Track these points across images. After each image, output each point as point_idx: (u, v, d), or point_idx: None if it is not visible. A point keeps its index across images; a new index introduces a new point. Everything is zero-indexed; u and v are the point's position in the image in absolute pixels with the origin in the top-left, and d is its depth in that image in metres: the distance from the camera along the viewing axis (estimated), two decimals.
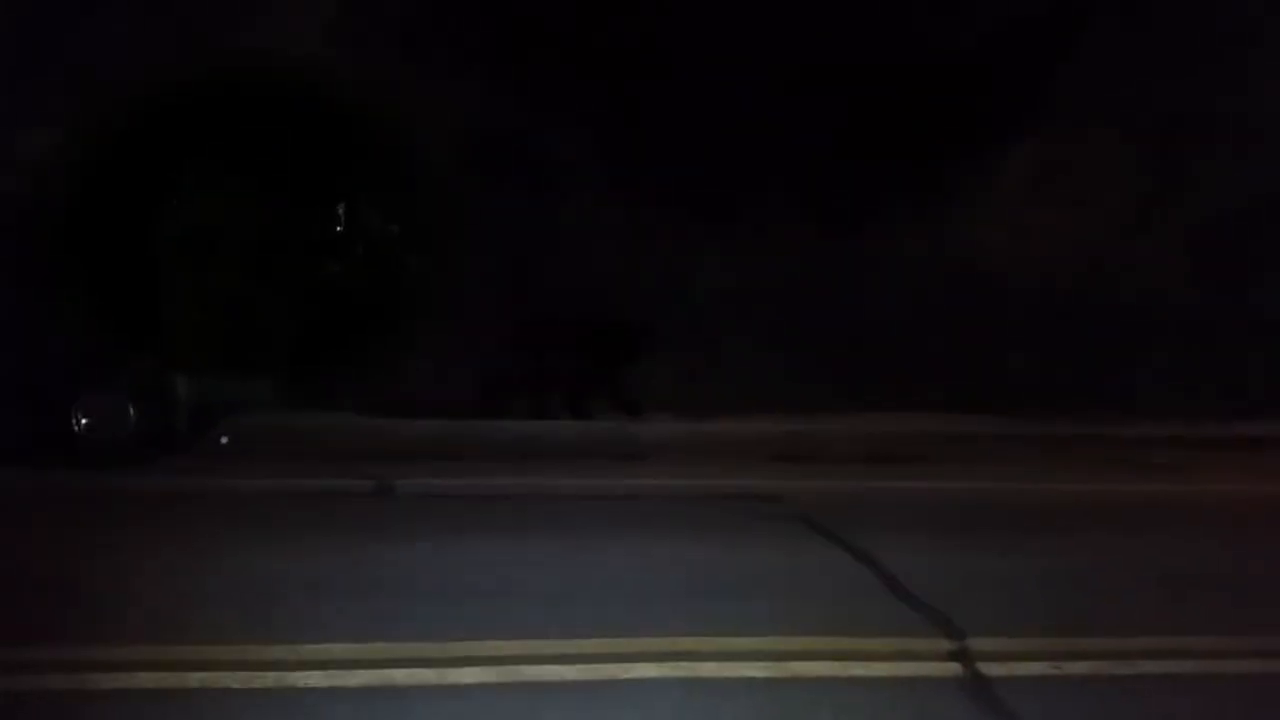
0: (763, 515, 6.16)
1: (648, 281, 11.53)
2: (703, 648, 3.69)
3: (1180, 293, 12.12)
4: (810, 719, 3.16)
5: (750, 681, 3.44)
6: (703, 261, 11.58)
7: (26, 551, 5.00)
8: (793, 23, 10.88)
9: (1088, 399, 11.05)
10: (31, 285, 7.56)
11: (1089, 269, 12.01)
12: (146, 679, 3.35)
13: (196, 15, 9.95)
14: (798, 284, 11.71)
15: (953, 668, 3.59)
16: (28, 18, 9.57)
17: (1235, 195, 12.41)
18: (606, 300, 11.23)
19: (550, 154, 11.13)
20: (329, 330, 10.14)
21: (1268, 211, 12.31)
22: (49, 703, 3.23)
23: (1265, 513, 6.80)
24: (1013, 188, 12.22)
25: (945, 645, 3.78)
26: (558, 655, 3.61)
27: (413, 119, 10.29)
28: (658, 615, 4.05)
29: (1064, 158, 12.24)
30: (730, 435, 9.44)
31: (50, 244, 7.92)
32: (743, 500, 6.59)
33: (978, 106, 11.47)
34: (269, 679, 3.38)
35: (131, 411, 7.60)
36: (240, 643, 3.67)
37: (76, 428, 7.55)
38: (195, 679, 3.36)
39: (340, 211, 10.98)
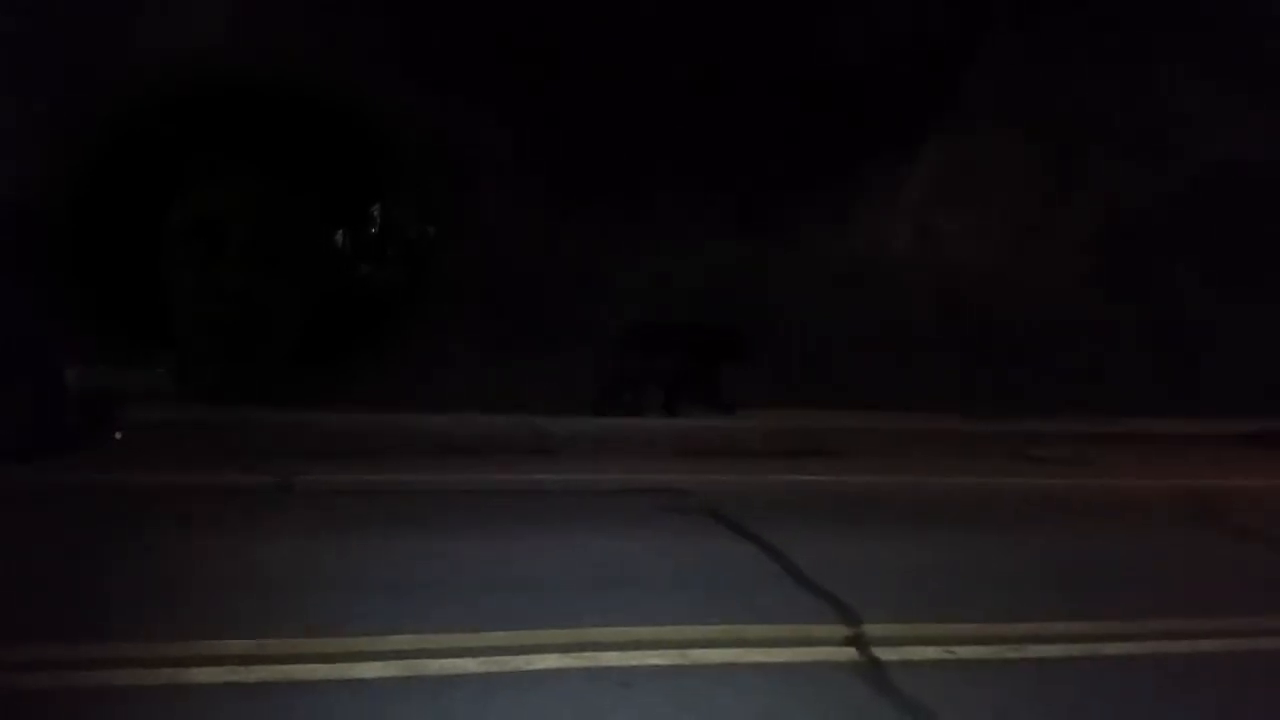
0: (671, 509, 6.22)
1: (566, 279, 11.56)
2: (606, 638, 3.72)
3: (1080, 291, 12.59)
4: (711, 704, 3.21)
5: (653, 669, 3.48)
6: (619, 259, 11.62)
7: None
8: (709, 28, 11.00)
9: (992, 395, 11.40)
10: None
11: (993, 268, 12.38)
12: (30, 680, 3.24)
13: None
14: (712, 281, 11.84)
15: (849, 653, 3.69)
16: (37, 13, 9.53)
17: (1132, 197, 12.95)
18: (523, 297, 11.25)
19: (470, 151, 11.07)
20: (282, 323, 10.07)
21: (1164, 212, 12.87)
22: None
23: (1155, 505, 7.11)
24: (919, 189, 12.56)
25: (843, 631, 3.88)
26: (461, 649, 3.60)
27: (330, 112, 10.19)
28: (563, 607, 4.07)
29: (968, 160, 12.61)
30: (642, 430, 9.48)
31: None
32: (652, 494, 6.63)
33: (885, 110, 11.74)
34: (162, 677, 3.30)
35: (14, 404, 7.26)
36: (130, 641, 3.56)
37: None
38: (83, 679, 3.26)
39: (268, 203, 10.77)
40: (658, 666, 3.50)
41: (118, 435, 7.77)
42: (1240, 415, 11.05)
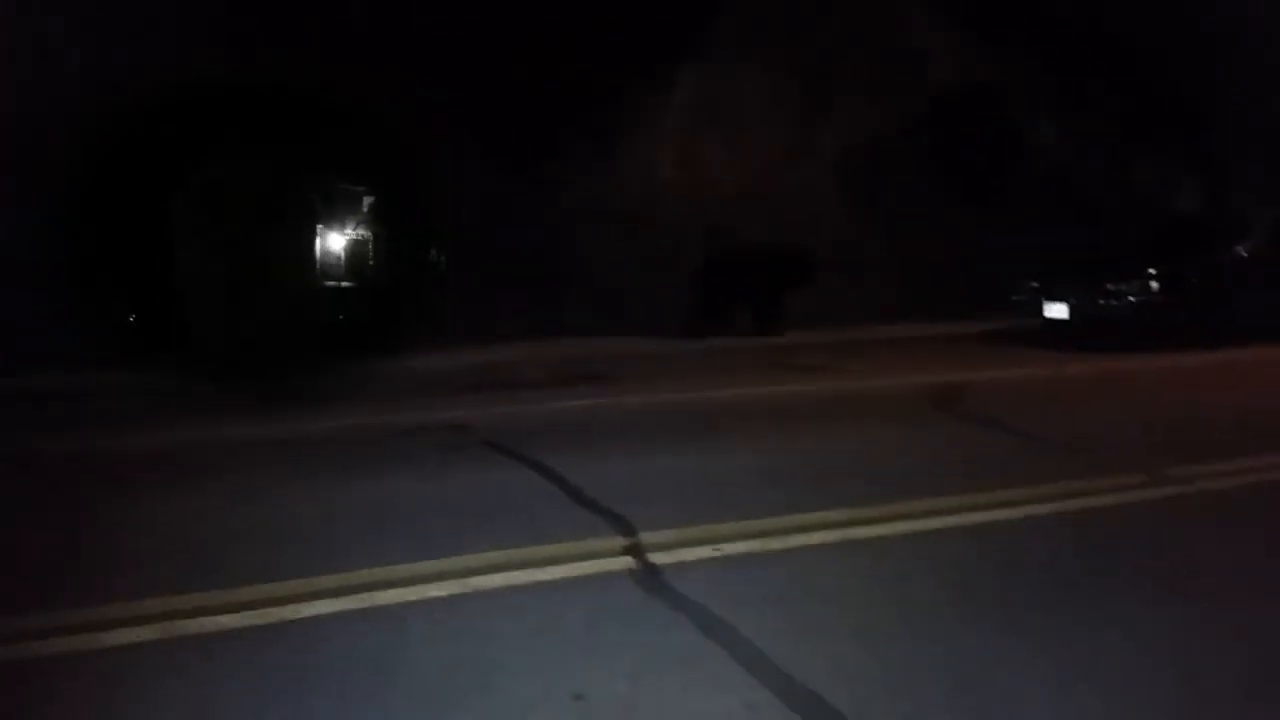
0: (450, 445, 6.13)
1: None
2: (381, 578, 3.64)
3: (830, 211, 13.33)
4: (488, 625, 3.21)
5: (430, 602, 3.43)
6: None
7: None
8: None
9: (754, 313, 11.93)
10: None
11: (751, 193, 12.87)
12: None
13: None
14: (485, 221, 11.70)
15: (626, 561, 3.78)
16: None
17: (873, 124, 13.78)
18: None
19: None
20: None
21: (899, 138, 13.80)
22: None
23: (903, 401, 7.68)
24: (675, 122, 12.83)
25: (620, 542, 3.98)
26: (225, 605, 3.42)
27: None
28: (336, 554, 3.93)
29: (723, 93, 12.98)
30: (420, 370, 9.30)
31: None
32: (431, 433, 6.52)
33: (642, 46, 11.89)
34: None
35: None
36: None
37: None
38: None
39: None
40: (437, 598, 3.46)
41: None
42: (973, 318, 12.15)
